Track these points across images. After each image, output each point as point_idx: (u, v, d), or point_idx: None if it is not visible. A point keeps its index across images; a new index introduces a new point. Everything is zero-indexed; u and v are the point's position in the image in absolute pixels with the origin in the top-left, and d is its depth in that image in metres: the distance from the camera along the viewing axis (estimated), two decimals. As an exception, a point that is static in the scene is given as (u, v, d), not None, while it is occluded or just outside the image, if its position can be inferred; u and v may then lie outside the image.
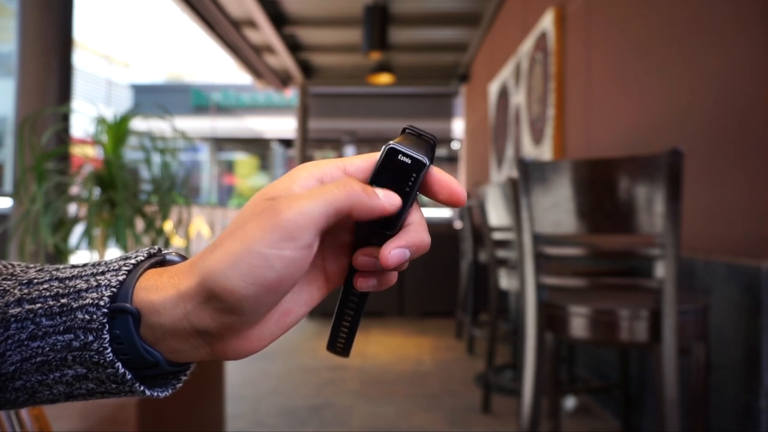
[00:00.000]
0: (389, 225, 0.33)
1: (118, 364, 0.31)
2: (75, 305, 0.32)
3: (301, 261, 0.30)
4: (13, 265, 0.35)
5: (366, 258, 0.34)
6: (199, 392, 1.62)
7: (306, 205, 0.30)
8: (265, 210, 0.30)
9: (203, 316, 0.31)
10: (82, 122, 1.93)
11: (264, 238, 0.29)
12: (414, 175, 0.33)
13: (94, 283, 0.32)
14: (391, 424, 2.20)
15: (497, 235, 2.44)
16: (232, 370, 2.86)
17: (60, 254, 1.64)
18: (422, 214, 0.35)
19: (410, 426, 2.19)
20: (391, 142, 0.34)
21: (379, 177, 0.33)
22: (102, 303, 0.31)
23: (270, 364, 3.07)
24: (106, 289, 0.32)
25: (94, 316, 0.31)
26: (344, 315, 0.36)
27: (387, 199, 0.32)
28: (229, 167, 17.43)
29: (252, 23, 5.41)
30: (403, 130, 0.35)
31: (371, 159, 0.34)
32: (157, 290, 0.32)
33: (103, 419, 1.22)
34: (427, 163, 0.33)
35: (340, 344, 0.37)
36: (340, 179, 0.32)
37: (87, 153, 2.21)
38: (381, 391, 2.59)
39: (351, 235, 0.36)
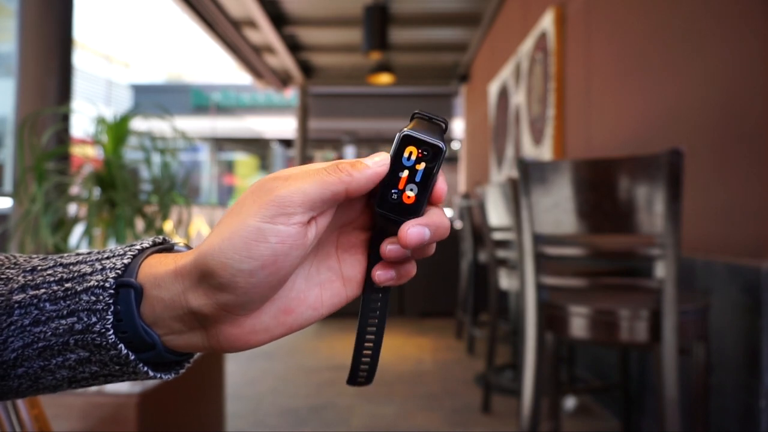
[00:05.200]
0: (410, 212, 0.33)
1: (121, 345, 0.31)
2: (80, 288, 0.32)
3: (295, 238, 0.31)
4: (15, 256, 0.35)
5: (393, 246, 0.33)
6: (199, 392, 1.62)
7: (301, 184, 0.31)
8: (261, 188, 0.31)
9: (198, 294, 0.31)
10: (82, 122, 1.93)
11: (259, 213, 0.30)
12: (432, 161, 0.33)
13: (99, 267, 0.33)
14: (391, 424, 2.20)
15: (497, 235, 2.44)
16: (233, 369, 2.86)
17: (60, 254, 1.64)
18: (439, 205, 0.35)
19: (410, 426, 2.19)
20: (405, 129, 0.33)
21: (396, 166, 0.33)
22: (107, 285, 0.32)
23: (270, 363, 3.07)
24: (111, 272, 0.32)
25: (100, 297, 0.31)
26: (366, 330, 0.35)
27: (375, 164, 0.33)
28: (229, 167, 17.42)
29: (252, 23, 5.41)
30: (413, 116, 0.34)
31: (388, 156, 0.34)
32: (159, 265, 0.33)
33: (103, 419, 1.22)
34: (444, 148, 0.33)
35: (363, 373, 0.35)
36: (330, 163, 0.33)
37: (87, 153, 2.21)
38: (381, 391, 2.59)
39: (367, 233, 0.36)
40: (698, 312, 1.30)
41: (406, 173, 0.33)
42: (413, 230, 0.32)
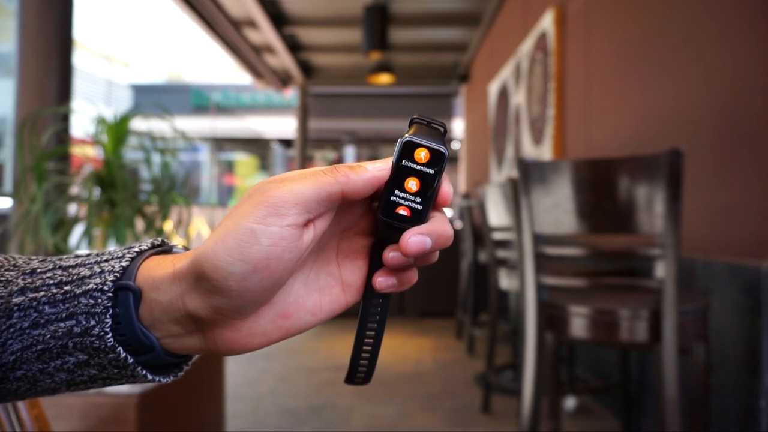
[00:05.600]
0: (413, 219, 0.33)
1: (120, 348, 0.31)
2: (78, 291, 0.32)
3: (288, 240, 0.30)
4: (14, 258, 0.35)
5: (396, 254, 0.33)
6: (199, 392, 1.62)
7: (296, 185, 0.31)
8: (257, 190, 0.31)
9: (194, 296, 0.31)
10: (82, 122, 1.93)
11: (252, 214, 0.30)
12: (434, 166, 0.33)
13: (98, 270, 0.32)
14: (391, 424, 2.20)
15: (497, 235, 2.44)
16: (232, 369, 2.86)
17: (60, 254, 1.64)
18: (443, 209, 0.35)
19: (410, 426, 2.19)
20: (406, 135, 0.33)
21: (399, 173, 0.33)
22: (106, 288, 0.31)
23: (270, 363, 3.07)
24: (109, 275, 0.32)
25: (99, 300, 0.31)
26: (365, 333, 0.35)
27: (375, 168, 0.32)
28: (229, 167, 17.42)
29: (252, 23, 5.41)
30: (412, 121, 0.34)
31: (389, 162, 0.34)
32: (158, 268, 0.33)
33: (103, 419, 1.22)
34: (446, 152, 0.33)
35: (362, 372, 0.35)
36: (327, 167, 0.32)
37: (87, 153, 2.20)
38: (381, 391, 2.59)
39: (368, 239, 0.35)
40: (698, 312, 1.30)
41: (408, 180, 0.33)
42: (414, 239, 0.32)
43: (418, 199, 0.33)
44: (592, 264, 2.24)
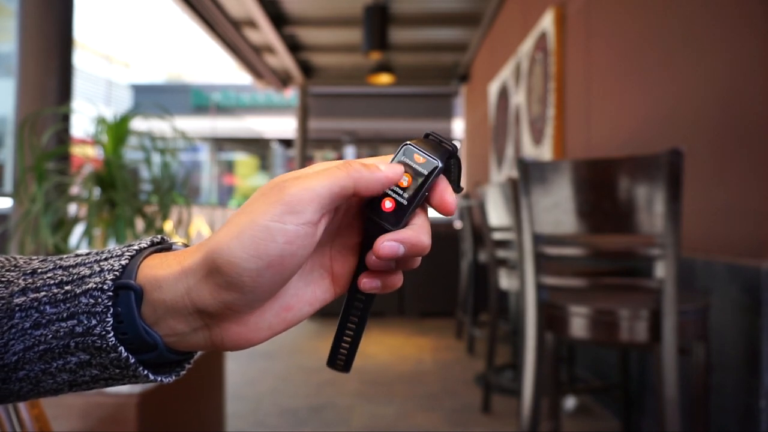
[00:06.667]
0: (393, 220, 0.34)
1: (121, 348, 0.31)
2: (79, 291, 0.32)
3: (303, 238, 0.31)
4: (15, 258, 0.35)
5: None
6: (200, 392, 1.62)
7: (311, 182, 0.31)
8: (272, 188, 0.31)
9: (204, 291, 0.31)
10: (82, 122, 1.93)
11: (268, 212, 0.30)
12: (425, 175, 0.34)
13: (98, 269, 0.32)
14: (391, 424, 2.20)
15: (497, 235, 2.44)
16: (233, 369, 2.86)
17: (60, 254, 1.64)
18: (427, 218, 0.36)
19: (410, 426, 2.19)
20: (409, 141, 0.35)
21: None
22: (105, 287, 0.32)
23: (270, 363, 3.07)
24: (109, 273, 0.32)
25: (99, 299, 0.31)
26: (347, 325, 0.36)
27: (389, 169, 0.34)
28: (229, 167, 17.42)
29: (252, 23, 5.41)
30: (426, 135, 0.36)
31: (387, 159, 0.35)
32: (161, 267, 0.33)
33: (103, 419, 1.22)
34: (440, 165, 0.34)
35: (341, 360, 0.37)
36: (340, 161, 0.33)
37: (87, 153, 2.21)
38: (381, 391, 2.59)
39: (360, 236, 0.36)
40: (698, 312, 1.30)
41: (399, 181, 0.34)
42: (387, 244, 0.33)
43: (402, 202, 0.34)
44: (592, 264, 2.24)
